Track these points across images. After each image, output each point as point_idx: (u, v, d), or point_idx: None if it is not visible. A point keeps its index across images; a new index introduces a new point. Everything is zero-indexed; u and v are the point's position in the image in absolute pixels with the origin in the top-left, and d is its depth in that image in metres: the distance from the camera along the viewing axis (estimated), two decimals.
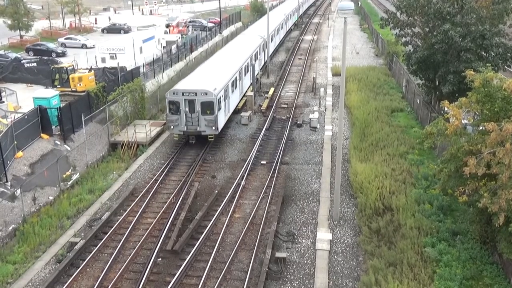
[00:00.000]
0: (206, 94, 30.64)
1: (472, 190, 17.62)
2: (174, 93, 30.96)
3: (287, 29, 75.88)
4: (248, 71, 42.65)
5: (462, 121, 19.65)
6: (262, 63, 50.92)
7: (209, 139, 31.76)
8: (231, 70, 36.98)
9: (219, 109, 31.50)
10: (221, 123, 32.54)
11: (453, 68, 29.26)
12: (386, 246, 20.23)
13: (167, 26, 76.09)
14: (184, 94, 30.80)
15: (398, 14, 34.32)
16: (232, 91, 35.97)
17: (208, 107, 30.78)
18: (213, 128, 31.10)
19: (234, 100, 37.20)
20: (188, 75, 36.62)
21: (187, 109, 30.87)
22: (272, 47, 57.56)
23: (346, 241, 21.68)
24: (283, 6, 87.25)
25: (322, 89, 42.77)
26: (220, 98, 31.69)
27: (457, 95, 28.31)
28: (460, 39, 28.62)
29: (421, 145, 21.19)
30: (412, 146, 29.31)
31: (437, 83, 32.27)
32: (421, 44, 33.57)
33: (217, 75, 34.94)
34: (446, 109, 21.37)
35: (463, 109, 19.27)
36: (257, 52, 47.36)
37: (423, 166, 26.71)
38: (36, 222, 22.72)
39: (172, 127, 31.44)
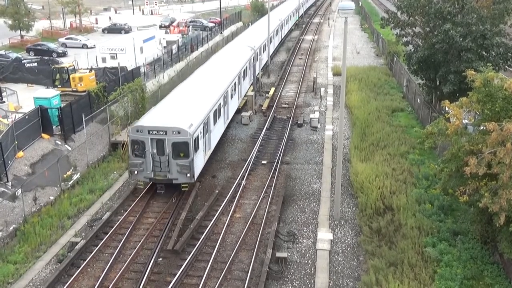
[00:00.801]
0: (179, 133, 24.04)
1: (473, 190, 17.60)
2: (138, 131, 24.47)
3: (283, 36, 71.78)
4: (235, 91, 36.06)
5: (463, 121, 19.64)
6: (250, 82, 43.70)
7: (183, 189, 25.24)
8: (213, 96, 29.83)
9: (196, 150, 24.92)
10: (199, 167, 25.82)
11: (453, 68, 29.25)
12: (386, 246, 20.23)
13: (161, 27, 76.06)
14: (151, 132, 24.15)
15: (398, 14, 34.32)
16: (215, 122, 29.06)
17: (182, 149, 24.28)
18: (188, 175, 24.50)
19: (217, 132, 30.52)
20: (157, 106, 29.00)
21: (154, 151, 24.43)
22: (263, 61, 51.53)
23: (346, 241, 21.67)
24: (283, 7, 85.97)
25: (322, 89, 42.81)
26: (197, 136, 25.07)
27: (457, 95, 28.29)
28: (461, 39, 28.61)
29: (422, 145, 21.15)
30: (413, 146, 29.31)
31: (437, 83, 32.26)
32: (421, 44, 33.58)
33: (194, 105, 27.63)
34: (447, 109, 21.40)
35: (463, 109, 19.26)
36: (246, 67, 40.77)
37: (423, 166, 26.70)
38: (37, 222, 22.73)
39: (135, 172, 24.81)
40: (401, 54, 42.63)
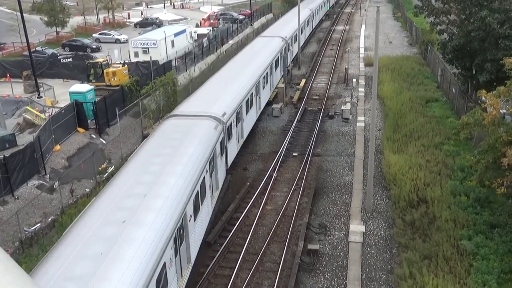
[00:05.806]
0: None
1: (511, 182, 17.11)
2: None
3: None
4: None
5: (500, 111, 19.06)
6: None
7: None
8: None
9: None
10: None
11: (490, 56, 28.36)
12: (420, 239, 19.91)
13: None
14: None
15: (433, 1, 33.45)
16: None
17: None
18: None
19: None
20: None
21: None
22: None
23: (379, 234, 21.44)
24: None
25: (354, 80, 42.25)
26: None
27: (495, 84, 27.41)
28: (498, 26, 27.66)
29: (457, 136, 20.70)
30: (448, 136, 28.63)
31: (474, 72, 31.36)
32: (457, 32, 32.63)
33: None
34: (483, 98, 20.78)
35: (501, 98, 18.70)
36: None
37: (459, 157, 26.06)
38: (73, 214, 23.31)
39: None
40: (436, 43, 41.56)
